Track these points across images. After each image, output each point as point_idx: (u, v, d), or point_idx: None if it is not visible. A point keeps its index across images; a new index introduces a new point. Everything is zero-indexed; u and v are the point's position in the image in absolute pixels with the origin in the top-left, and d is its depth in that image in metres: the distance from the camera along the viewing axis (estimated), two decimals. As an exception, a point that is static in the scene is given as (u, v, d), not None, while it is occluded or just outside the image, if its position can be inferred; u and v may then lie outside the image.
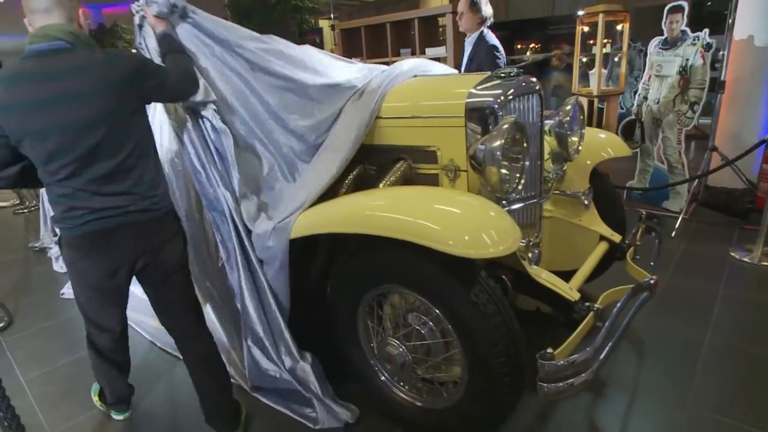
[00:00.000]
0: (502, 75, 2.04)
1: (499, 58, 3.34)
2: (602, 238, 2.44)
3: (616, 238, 2.42)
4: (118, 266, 1.69)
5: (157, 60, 1.92)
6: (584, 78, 4.84)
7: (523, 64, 2.38)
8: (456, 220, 1.59)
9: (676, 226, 3.82)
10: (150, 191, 1.69)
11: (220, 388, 1.99)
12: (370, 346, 2.00)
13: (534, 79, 2.09)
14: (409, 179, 2.14)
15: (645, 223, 2.53)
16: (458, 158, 2.01)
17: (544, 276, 1.90)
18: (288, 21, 7.32)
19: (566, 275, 2.08)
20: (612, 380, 2.24)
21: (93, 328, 1.91)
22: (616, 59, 4.85)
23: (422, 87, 2.26)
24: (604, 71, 4.66)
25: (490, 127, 1.87)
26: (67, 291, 3.44)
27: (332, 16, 7.02)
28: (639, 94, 4.40)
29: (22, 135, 1.52)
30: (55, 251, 4.04)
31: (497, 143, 1.70)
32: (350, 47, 6.04)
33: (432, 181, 2.11)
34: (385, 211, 1.70)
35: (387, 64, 2.61)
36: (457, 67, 3.51)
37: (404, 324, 1.80)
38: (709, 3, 9.44)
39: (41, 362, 2.68)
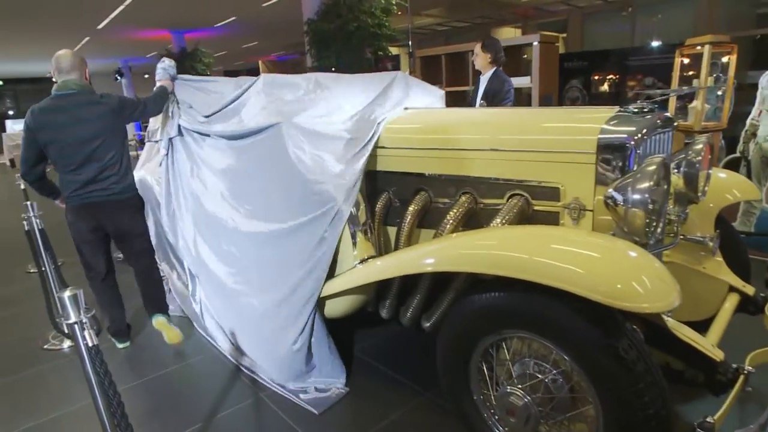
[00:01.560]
0: (635, 110, 1.91)
1: (509, 97, 3.52)
2: (731, 288, 2.22)
3: (749, 289, 2.20)
4: (98, 227, 2.72)
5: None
6: (681, 112, 4.59)
7: (660, 98, 2.24)
8: (602, 264, 1.46)
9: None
10: (122, 182, 2.68)
11: (149, 290, 2.99)
12: (482, 395, 1.86)
13: (669, 115, 1.95)
14: (526, 217, 2.03)
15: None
16: (584, 197, 1.89)
17: (685, 332, 1.72)
18: (365, 48, 7.44)
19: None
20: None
21: (88, 270, 2.86)
22: (719, 93, 4.56)
23: (541, 119, 2.16)
24: (707, 106, 4.39)
25: (626, 165, 1.74)
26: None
27: (409, 43, 7.11)
28: (746, 131, 4.10)
29: (48, 143, 2.54)
30: None
31: (645, 185, 1.56)
32: (429, 74, 6.04)
33: (551, 219, 1.99)
34: (518, 251, 1.59)
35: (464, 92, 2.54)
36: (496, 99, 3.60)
37: (530, 375, 1.67)
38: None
39: (128, 374, 2.72)
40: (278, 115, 2.36)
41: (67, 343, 3.06)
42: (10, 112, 24.03)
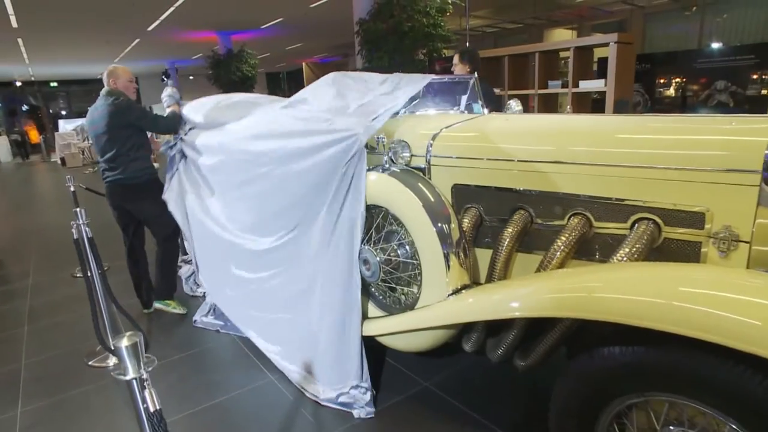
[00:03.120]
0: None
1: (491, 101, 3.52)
2: None
3: None
4: (116, 204, 3.30)
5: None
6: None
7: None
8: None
9: None
10: (128, 170, 3.18)
11: (156, 276, 3.51)
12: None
13: None
14: (655, 246, 1.67)
15: None
16: (739, 224, 1.52)
17: None
18: (418, 49, 7.15)
19: None
20: None
21: (123, 237, 3.47)
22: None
23: (676, 129, 1.79)
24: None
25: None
26: (199, 318, 3.29)
27: (467, 44, 6.77)
28: None
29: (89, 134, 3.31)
30: (185, 270, 3.95)
31: None
32: (490, 77, 5.66)
33: (689, 251, 1.63)
34: (671, 297, 1.25)
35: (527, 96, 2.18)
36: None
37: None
38: None
39: (180, 402, 2.47)
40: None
41: (113, 361, 2.86)
42: (63, 113, 24.85)
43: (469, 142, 2.12)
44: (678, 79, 8.48)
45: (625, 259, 1.62)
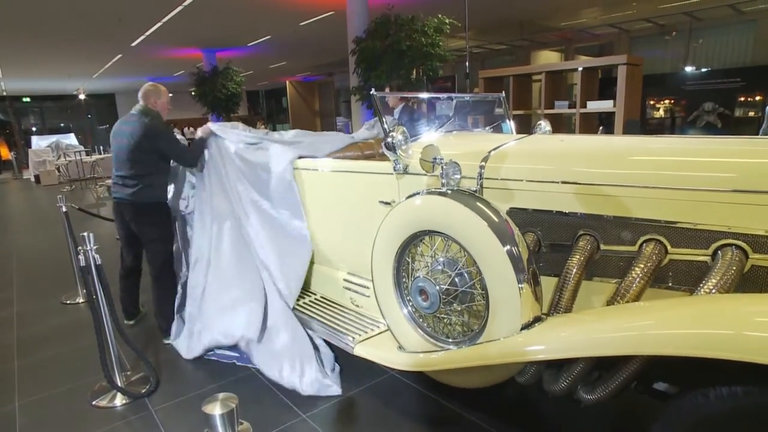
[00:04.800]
0: None
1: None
2: None
3: None
4: (122, 222, 3.22)
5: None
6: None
7: None
8: None
9: None
10: (141, 192, 3.07)
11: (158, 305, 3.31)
12: None
13: None
14: (743, 275, 1.56)
15: None
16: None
17: None
18: (416, 68, 7.11)
19: None
20: None
21: (121, 259, 3.44)
22: None
23: (760, 151, 1.70)
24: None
25: None
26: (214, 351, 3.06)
27: (467, 64, 6.73)
28: None
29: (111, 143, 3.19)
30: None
31: None
32: (493, 97, 5.63)
33: (781, 279, 1.53)
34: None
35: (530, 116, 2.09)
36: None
37: None
38: None
39: None
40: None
41: (119, 400, 2.61)
42: (34, 129, 24.10)
43: (526, 164, 2.00)
44: (667, 101, 8.65)
45: (714, 290, 1.51)
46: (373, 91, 2.45)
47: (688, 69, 9.62)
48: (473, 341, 1.85)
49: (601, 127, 2.91)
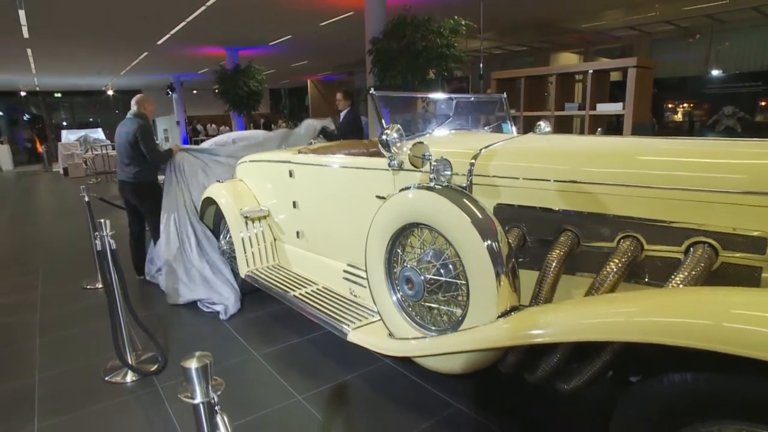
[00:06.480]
0: None
1: (362, 129, 5.03)
2: None
3: None
4: (126, 198, 4.37)
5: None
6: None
7: None
8: None
9: None
10: (135, 174, 4.19)
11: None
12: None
13: None
14: (711, 271, 1.63)
15: None
16: (803, 251, 1.48)
17: None
18: (430, 68, 7.19)
19: None
20: None
21: (129, 227, 4.49)
22: None
23: (738, 153, 1.76)
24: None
25: None
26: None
27: (481, 65, 6.80)
28: None
29: (116, 141, 4.32)
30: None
31: None
32: (504, 98, 5.68)
33: (746, 275, 1.59)
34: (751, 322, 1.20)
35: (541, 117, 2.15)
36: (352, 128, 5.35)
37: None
38: None
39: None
40: None
41: (130, 377, 2.78)
42: (64, 123, 24.86)
43: (513, 162, 2.09)
44: (686, 104, 8.56)
45: (682, 284, 1.58)
46: (372, 91, 2.56)
47: (710, 72, 9.50)
48: (455, 329, 1.95)
49: (599, 129, 2.96)
